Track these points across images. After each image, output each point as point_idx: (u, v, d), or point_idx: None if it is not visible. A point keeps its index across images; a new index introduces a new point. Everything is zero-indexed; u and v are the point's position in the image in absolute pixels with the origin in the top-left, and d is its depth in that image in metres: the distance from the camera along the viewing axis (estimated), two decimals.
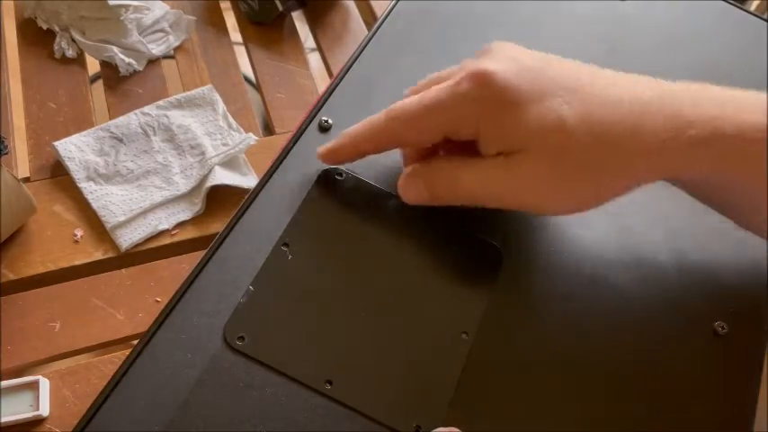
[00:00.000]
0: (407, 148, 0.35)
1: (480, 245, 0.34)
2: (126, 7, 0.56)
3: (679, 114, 0.29)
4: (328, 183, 0.34)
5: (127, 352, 0.33)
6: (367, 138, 0.33)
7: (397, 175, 0.35)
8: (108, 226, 0.46)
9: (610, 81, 0.31)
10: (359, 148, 0.33)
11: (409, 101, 0.31)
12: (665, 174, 0.30)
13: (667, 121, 0.29)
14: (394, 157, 0.36)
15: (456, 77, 0.31)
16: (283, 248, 0.32)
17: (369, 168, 0.35)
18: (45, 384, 0.39)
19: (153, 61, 0.57)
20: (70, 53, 0.55)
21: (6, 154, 0.49)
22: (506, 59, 0.30)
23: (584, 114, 0.29)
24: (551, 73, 0.30)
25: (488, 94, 0.30)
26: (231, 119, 0.53)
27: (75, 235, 0.46)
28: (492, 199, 0.32)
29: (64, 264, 0.45)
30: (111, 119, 0.52)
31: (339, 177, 0.35)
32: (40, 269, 0.45)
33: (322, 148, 0.34)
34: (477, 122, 0.30)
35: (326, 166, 0.35)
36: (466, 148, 0.32)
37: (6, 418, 0.37)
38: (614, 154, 0.29)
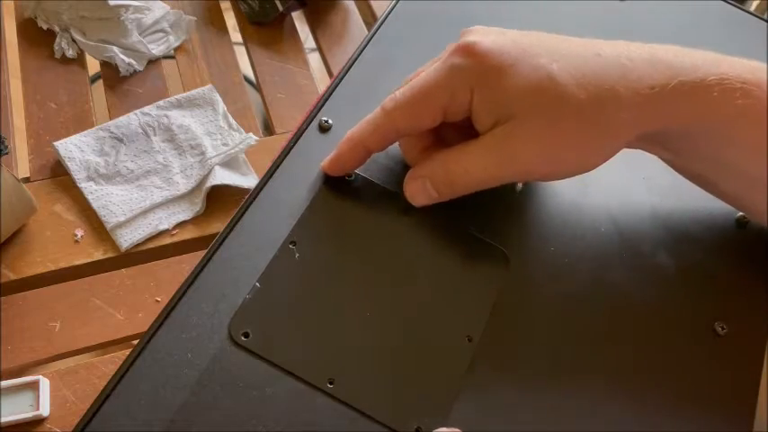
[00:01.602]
0: (409, 139, 0.34)
1: (487, 248, 0.34)
2: (126, 7, 0.56)
3: (664, 64, 0.29)
4: (337, 183, 0.34)
5: (127, 352, 0.33)
6: (368, 136, 0.32)
7: (404, 177, 0.35)
8: (108, 226, 0.46)
9: (590, 42, 0.31)
10: (363, 149, 0.33)
11: (401, 90, 0.32)
12: (655, 124, 0.30)
13: (654, 70, 0.29)
14: (402, 158, 0.36)
15: (443, 56, 0.31)
16: (291, 247, 0.32)
17: (377, 170, 0.35)
18: (45, 384, 0.39)
19: (153, 61, 0.57)
20: (70, 53, 0.55)
21: (6, 154, 0.50)
22: (488, 33, 0.31)
23: (572, 69, 0.29)
24: (533, 39, 0.31)
25: (476, 63, 0.30)
26: (231, 119, 0.53)
27: (76, 235, 0.46)
28: (497, 176, 0.31)
29: (64, 264, 0.45)
30: (111, 119, 0.52)
31: (348, 178, 0.35)
32: (41, 269, 0.45)
33: (325, 162, 0.34)
34: (469, 94, 0.30)
35: None
36: (462, 138, 0.32)
37: (6, 418, 0.37)
38: (606, 105, 0.29)
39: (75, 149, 0.49)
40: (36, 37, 0.56)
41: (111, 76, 0.55)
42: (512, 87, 0.29)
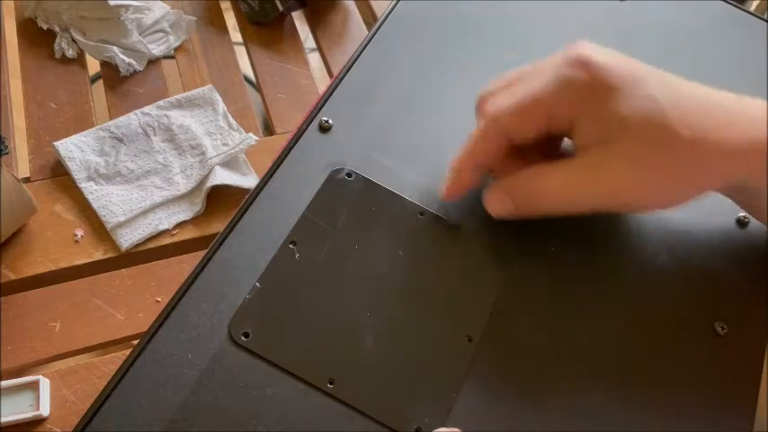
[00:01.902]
0: (508, 151, 0.33)
1: (487, 248, 0.34)
2: (126, 7, 0.56)
3: (761, 118, 0.30)
4: (337, 183, 0.34)
5: (127, 352, 0.33)
6: (477, 147, 0.32)
7: (404, 177, 0.35)
8: (108, 226, 0.46)
9: (696, 84, 0.31)
10: (476, 164, 0.33)
11: (504, 97, 0.31)
12: (746, 174, 0.31)
13: (752, 123, 0.30)
14: (402, 158, 0.36)
15: (554, 63, 0.31)
16: (291, 247, 0.32)
17: (377, 170, 0.35)
18: (45, 384, 0.39)
19: (153, 61, 0.57)
20: (70, 53, 0.55)
21: (7, 154, 0.50)
22: (599, 50, 0.31)
23: (681, 106, 0.29)
24: (644, 67, 0.31)
25: (589, 78, 0.30)
26: (231, 119, 0.53)
27: (76, 235, 0.46)
28: (583, 197, 0.31)
29: (64, 264, 0.45)
30: (111, 119, 0.52)
31: (348, 178, 0.35)
32: (41, 269, 0.45)
33: (443, 190, 0.33)
34: (576, 107, 0.30)
35: (337, 166, 0.35)
36: (544, 159, 0.32)
37: (7, 418, 0.37)
38: (708, 148, 0.29)
39: (76, 149, 0.49)
40: (36, 37, 0.56)
41: (111, 76, 0.55)
42: (620, 111, 0.29)
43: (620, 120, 0.29)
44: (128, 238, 0.46)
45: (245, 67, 0.61)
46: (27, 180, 0.49)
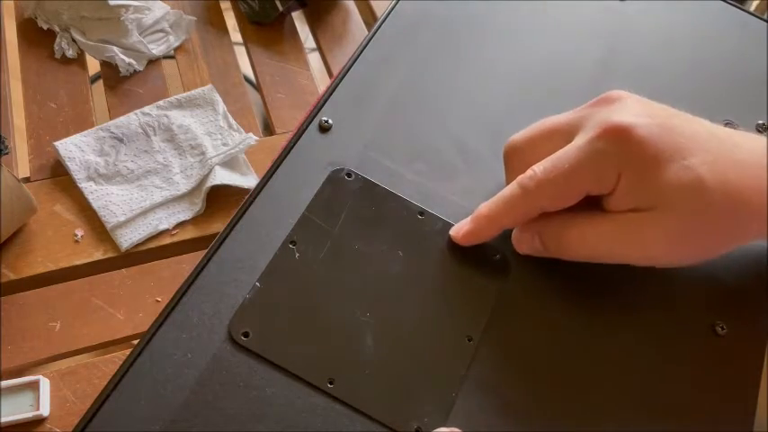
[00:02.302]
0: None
1: (487, 249, 0.34)
2: (126, 7, 0.56)
3: None
4: (337, 183, 0.35)
5: (127, 352, 0.33)
6: (506, 214, 0.32)
7: (404, 177, 0.35)
8: (108, 226, 0.46)
9: (736, 141, 0.31)
10: (499, 225, 0.33)
11: (541, 167, 0.31)
12: None
13: None
14: (402, 158, 0.36)
15: (590, 134, 0.30)
16: (291, 246, 0.32)
17: (377, 170, 0.35)
18: (45, 384, 0.39)
19: (153, 61, 0.57)
20: (70, 53, 0.55)
21: (7, 154, 0.50)
22: (638, 114, 0.30)
23: (721, 175, 0.30)
24: (684, 131, 0.31)
25: (627, 151, 0.30)
26: (231, 119, 0.53)
27: (76, 235, 0.46)
28: (615, 253, 0.31)
29: (64, 264, 0.45)
30: (111, 119, 0.52)
31: (348, 178, 0.35)
32: (41, 269, 0.45)
33: (458, 233, 0.33)
34: (616, 178, 0.30)
35: (337, 166, 0.35)
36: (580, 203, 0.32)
37: (7, 418, 0.37)
38: (745, 214, 0.30)
39: (76, 149, 0.49)
40: (36, 37, 0.56)
41: (111, 76, 0.55)
42: (661, 182, 0.30)
43: (660, 191, 0.30)
44: (128, 238, 0.46)
45: (245, 67, 0.61)
46: (27, 180, 0.49)
